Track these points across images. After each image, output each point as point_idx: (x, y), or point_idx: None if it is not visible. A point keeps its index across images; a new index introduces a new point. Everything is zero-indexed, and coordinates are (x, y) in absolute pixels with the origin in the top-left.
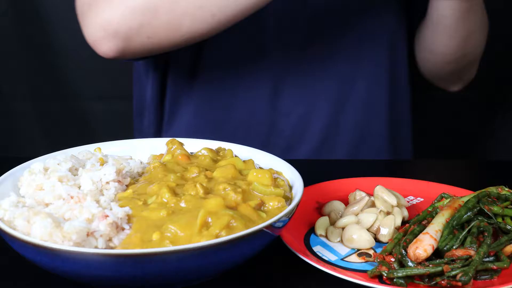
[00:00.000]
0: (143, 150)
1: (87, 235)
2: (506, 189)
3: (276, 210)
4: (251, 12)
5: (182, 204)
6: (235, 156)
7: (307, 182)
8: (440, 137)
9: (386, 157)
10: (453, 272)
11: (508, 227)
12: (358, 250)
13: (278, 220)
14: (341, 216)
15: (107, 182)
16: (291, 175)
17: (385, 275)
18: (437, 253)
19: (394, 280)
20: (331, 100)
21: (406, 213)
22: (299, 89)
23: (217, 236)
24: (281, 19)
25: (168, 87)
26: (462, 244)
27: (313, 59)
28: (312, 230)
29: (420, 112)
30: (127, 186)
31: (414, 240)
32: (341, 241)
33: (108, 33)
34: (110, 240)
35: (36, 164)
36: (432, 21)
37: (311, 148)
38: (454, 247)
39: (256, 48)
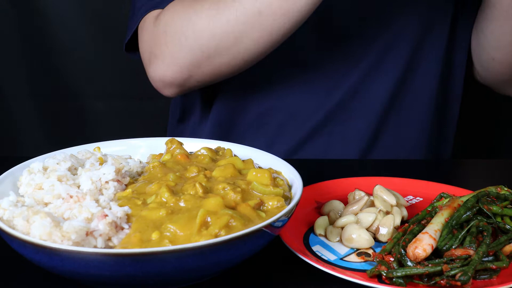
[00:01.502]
0: (142, 150)
1: (86, 234)
2: (506, 188)
3: (275, 210)
4: (278, 44)
5: (182, 204)
6: (235, 155)
7: (306, 182)
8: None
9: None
10: (452, 272)
11: (507, 226)
12: (358, 249)
13: (277, 220)
14: (340, 216)
15: (107, 182)
16: (290, 175)
17: (384, 274)
18: (436, 253)
19: (393, 279)
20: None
21: (405, 212)
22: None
23: (216, 236)
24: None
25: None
26: (461, 244)
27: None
28: (311, 229)
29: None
30: (126, 185)
31: (413, 240)
32: (341, 240)
33: (166, 84)
34: (109, 239)
35: (35, 164)
36: (502, 10)
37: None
38: (453, 246)
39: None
